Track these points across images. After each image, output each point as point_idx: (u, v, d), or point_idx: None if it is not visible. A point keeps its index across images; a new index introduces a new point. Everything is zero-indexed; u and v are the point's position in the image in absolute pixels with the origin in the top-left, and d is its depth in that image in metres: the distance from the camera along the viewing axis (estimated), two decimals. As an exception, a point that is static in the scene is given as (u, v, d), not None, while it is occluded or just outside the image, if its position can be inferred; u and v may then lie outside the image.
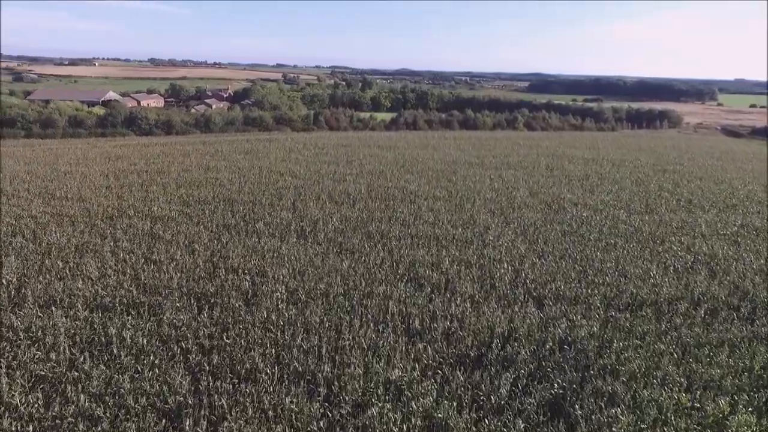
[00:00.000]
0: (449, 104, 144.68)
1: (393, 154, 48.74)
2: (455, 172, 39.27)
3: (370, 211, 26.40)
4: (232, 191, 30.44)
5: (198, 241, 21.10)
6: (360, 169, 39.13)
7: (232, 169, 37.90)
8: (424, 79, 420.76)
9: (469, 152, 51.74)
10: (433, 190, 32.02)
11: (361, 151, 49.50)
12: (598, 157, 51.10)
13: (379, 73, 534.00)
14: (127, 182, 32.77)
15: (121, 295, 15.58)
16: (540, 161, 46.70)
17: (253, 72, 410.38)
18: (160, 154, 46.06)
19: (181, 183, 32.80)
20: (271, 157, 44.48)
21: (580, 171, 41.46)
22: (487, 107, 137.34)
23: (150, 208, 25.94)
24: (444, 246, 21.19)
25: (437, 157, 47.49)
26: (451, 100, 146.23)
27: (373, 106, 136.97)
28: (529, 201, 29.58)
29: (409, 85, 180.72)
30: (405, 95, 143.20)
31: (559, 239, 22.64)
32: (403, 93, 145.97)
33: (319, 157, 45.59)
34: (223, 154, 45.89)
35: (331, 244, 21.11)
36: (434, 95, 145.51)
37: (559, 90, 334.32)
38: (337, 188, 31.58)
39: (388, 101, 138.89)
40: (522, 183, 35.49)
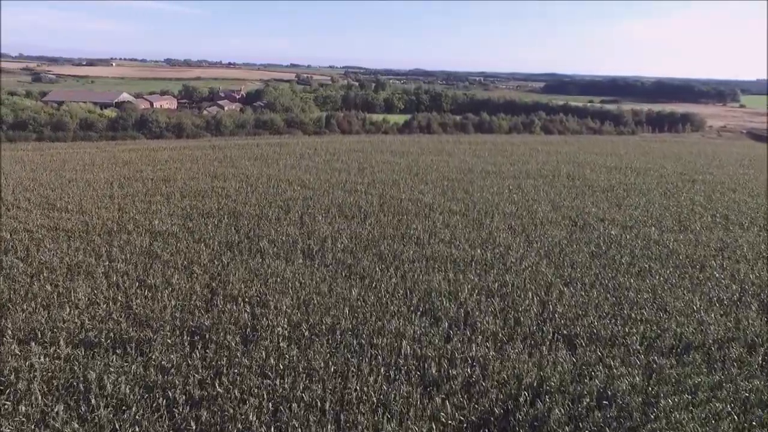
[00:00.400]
0: (463, 106, 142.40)
1: (406, 160, 47.07)
2: (472, 181, 37.47)
3: (382, 226, 24.80)
4: (237, 202, 29.09)
5: (197, 261, 19.70)
6: (372, 177, 37.55)
7: (240, 178, 36.61)
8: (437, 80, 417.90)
9: (486, 159, 49.84)
10: (449, 202, 30.29)
11: (373, 158, 47.93)
12: (620, 164, 48.82)
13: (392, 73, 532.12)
14: (130, 191, 31.63)
15: (108, 328, 14.20)
16: (560, 169, 44.63)
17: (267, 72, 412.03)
18: (168, 159, 45.03)
19: (186, 193, 31.57)
20: (280, 164, 43.13)
21: (603, 181, 39.34)
22: (502, 109, 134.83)
23: (151, 222, 24.67)
24: (462, 270, 19.49)
25: (452, 164, 45.70)
26: (465, 102, 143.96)
27: (386, 107, 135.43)
28: (552, 216, 27.69)
29: (423, 86, 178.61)
30: (418, 96, 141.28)
31: (587, 263, 20.78)
32: (416, 94, 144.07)
33: (330, 163, 44.13)
34: (231, 160, 44.69)
35: (339, 267, 19.55)
36: (448, 96, 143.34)
37: (575, 91, 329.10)
38: (347, 200, 30.03)
39: (401, 103, 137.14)
40: (543, 194, 33.56)
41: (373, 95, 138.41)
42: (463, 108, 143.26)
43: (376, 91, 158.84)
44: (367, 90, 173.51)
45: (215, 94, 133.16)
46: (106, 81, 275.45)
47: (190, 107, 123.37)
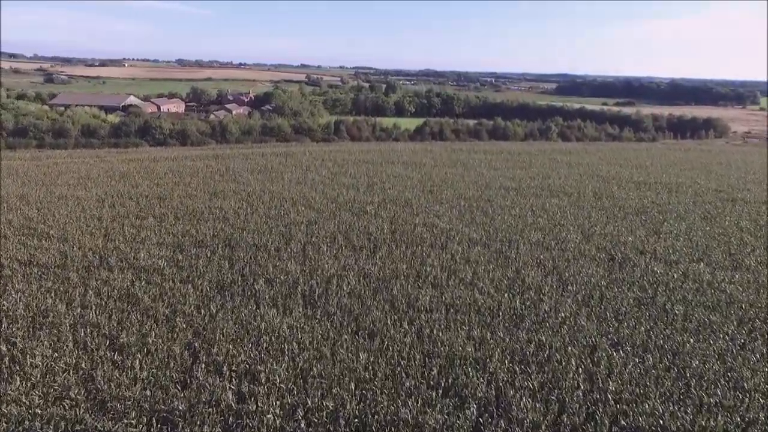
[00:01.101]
0: (476, 109, 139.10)
1: (419, 174, 44.24)
2: (490, 200, 34.53)
3: (394, 261, 22.01)
4: (235, 227, 26.49)
5: (182, 309, 17.07)
6: (382, 195, 34.78)
7: (241, 195, 34.06)
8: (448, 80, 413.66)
9: (504, 172, 46.82)
10: (468, 228, 27.40)
11: (383, 171, 45.16)
12: (648, 179, 45.51)
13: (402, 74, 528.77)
14: (121, 212, 29.20)
15: (59, 416, 11.57)
16: (585, 185, 41.50)
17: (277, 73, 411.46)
18: (167, 172, 42.68)
19: (180, 214, 29.07)
20: (285, 179, 40.55)
21: (633, 200, 36.17)
22: (515, 114, 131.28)
23: (136, 254, 22.13)
24: (488, 324, 16.63)
25: (468, 178, 42.76)
26: (477, 105, 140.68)
27: (397, 110, 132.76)
28: (585, 248, 24.68)
29: (434, 89, 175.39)
30: (430, 100, 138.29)
31: (634, 313, 17.80)
32: (427, 97, 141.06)
33: (338, 177, 41.45)
34: (233, 174, 42.20)
35: (345, 317, 16.80)
36: (460, 100, 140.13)
37: (588, 92, 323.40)
38: (355, 225, 27.29)
39: (412, 106, 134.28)
40: (570, 217, 30.52)
41: (383, 98, 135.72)
42: (476, 111, 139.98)
43: (386, 93, 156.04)
44: (378, 92, 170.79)
45: (223, 97, 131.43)
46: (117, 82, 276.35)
47: (198, 110, 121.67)
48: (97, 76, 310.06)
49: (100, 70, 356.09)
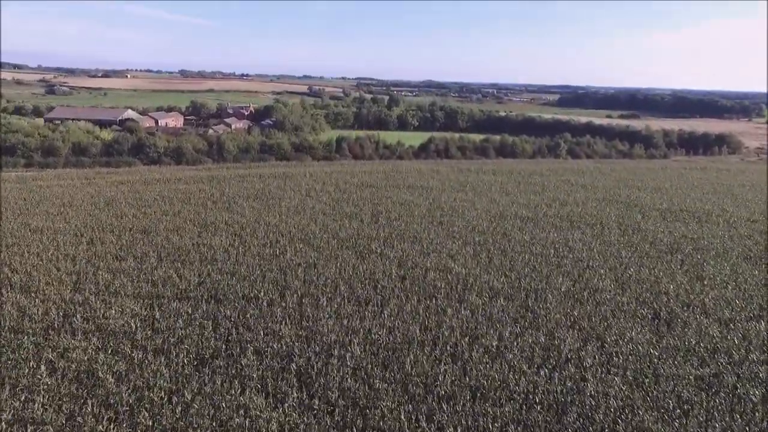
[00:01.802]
0: (480, 123, 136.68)
1: (426, 200, 41.25)
2: (507, 233, 31.48)
3: (406, 320, 18.91)
4: (224, 273, 23.45)
5: (149, 396, 13.96)
6: (389, 229, 31.76)
7: (233, 228, 31.08)
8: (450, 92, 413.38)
9: (516, 197, 43.82)
10: (486, 272, 24.33)
11: (388, 196, 42.20)
12: (672, 205, 42.45)
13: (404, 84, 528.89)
14: (99, 251, 26.20)
15: None
16: (606, 212, 38.47)
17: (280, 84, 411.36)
18: (157, 198, 39.79)
19: (164, 253, 26.06)
20: (282, 206, 37.60)
21: (663, 233, 33.07)
22: (521, 128, 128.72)
23: (107, 311, 19.07)
24: (522, 419, 13.49)
25: (480, 205, 39.76)
26: (482, 119, 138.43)
27: (400, 124, 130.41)
28: (622, 299, 21.57)
29: (438, 102, 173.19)
30: (433, 113, 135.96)
31: (698, 398, 14.64)
32: (431, 111, 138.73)
33: (339, 205, 38.50)
34: (228, 200, 39.27)
35: (349, 410, 13.68)
36: (464, 114, 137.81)
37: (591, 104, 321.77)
38: (359, 269, 24.24)
39: (415, 120, 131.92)
40: (598, 257, 27.43)
41: (386, 112, 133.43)
42: (480, 125, 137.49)
43: (389, 107, 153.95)
44: (380, 105, 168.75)
45: (223, 111, 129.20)
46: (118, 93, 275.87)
47: (197, 125, 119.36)
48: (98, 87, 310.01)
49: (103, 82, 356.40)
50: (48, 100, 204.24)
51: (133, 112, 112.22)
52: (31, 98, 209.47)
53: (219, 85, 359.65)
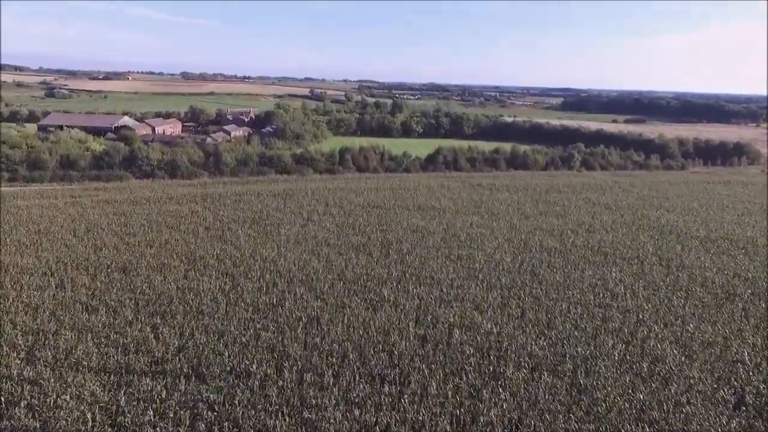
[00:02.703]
0: (486, 130, 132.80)
1: (440, 225, 37.49)
2: (536, 273, 27.73)
3: (433, 413, 15.15)
4: (210, 332, 19.74)
5: None
6: (401, 266, 28.03)
7: (225, 265, 27.37)
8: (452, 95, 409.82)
9: (537, 220, 40.06)
10: (521, 329, 20.59)
11: (398, 220, 38.46)
12: (709, 232, 38.65)
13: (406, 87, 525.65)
14: (66, 299, 22.52)
15: None
16: (640, 242, 34.72)
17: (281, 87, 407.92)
18: (144, 222, 36.14)
19: (142, 302, 22.38)
20: (282, 234, 33.90)
21: (711, 270, 29.30)
22: (529, 136, 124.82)
23: (58, 399, 15.34)
24: None
25: (499, 232, 36.00)
26: (488, 126, 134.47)
27: (404, 131, 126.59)
28: (693, 373, 17.79)
29: (442, 108, 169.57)
30: (438, 120, 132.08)
31: None
32: (435, 117, 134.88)
33: (345, 232, 34.79)
34: (221, 226, 35.58)
35: None
36: (470, 120, 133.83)
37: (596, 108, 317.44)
38: (371, 325, 20.53)
39: (420, 126, 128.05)
40: (647, 305, 23.67)
41: (389, 119, 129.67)
42: (486, 132, 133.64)
43: (392, 113, 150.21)
44: (383, 110, 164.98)
45: (223, 117, 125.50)
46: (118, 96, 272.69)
47: (196, 131, 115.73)
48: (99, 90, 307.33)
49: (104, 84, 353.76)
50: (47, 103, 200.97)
51: (130, 119, 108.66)
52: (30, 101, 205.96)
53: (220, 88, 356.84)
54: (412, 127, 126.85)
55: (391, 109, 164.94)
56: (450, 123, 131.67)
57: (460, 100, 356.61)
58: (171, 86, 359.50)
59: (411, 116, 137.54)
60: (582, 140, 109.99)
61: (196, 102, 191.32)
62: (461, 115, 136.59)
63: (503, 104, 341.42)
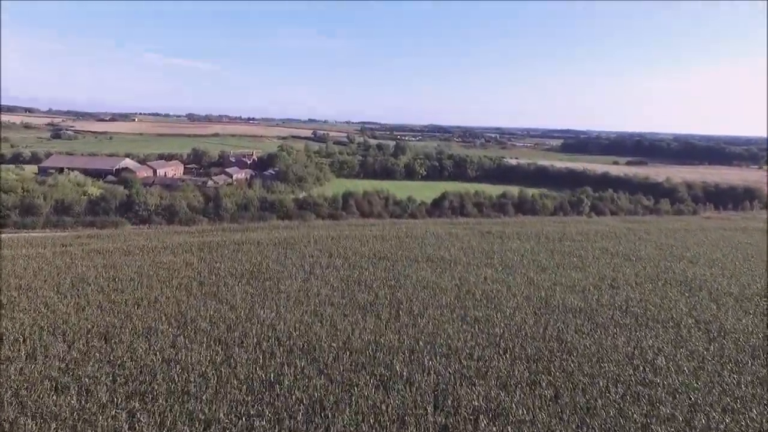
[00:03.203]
0: (490, 172, 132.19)
1: (451, 280, 34.87)
2: (563, 339, 24.90)
3: None
4: (195, 420, 16.86)
5: None
6: (414, 330, 25.27)
7: (218, 330, 24.65)
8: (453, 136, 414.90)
9: (555, 274, 37.45)
10: (557, 419, 17.64)
11: (407, 273, 35.90)
12: (743, 288, 35.88)
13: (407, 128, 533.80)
14: (32, 375, 19.69)
15: None
16: (670, 299, 31.98)
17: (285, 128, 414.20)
18: (135, 276, 33.67)
19: (121, 379, 19.56)
20: (281, 290, 31.29)
21: (754, 334, 26.45)
22: (534, 179, 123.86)
23: None
24: None
25: (516, 288, 33.34)
26: (492, 168, 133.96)
27: (407, 173, 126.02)
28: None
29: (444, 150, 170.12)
30: (441, 162, 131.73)
31: None
32: (439, 159, 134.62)
33: (350, 288, 32.18)
34: (216, 281, 33.03)
35: None
36: (473, 162, 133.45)
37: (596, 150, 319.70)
38: (384, 406, 17.63)
39: (423, 169, 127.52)
40: (696, 382, 20.74)
41: (392, 161, 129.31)
42: (490, 175, 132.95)
43: (395, 155, 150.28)
44: (386, 152, 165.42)
45: (225, 159, 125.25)
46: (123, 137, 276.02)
47: (198, 173, 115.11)
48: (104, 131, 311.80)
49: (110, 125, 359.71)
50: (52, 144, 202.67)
51: (131, 161, 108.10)
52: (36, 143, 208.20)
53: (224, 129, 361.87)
54: (415, 169, 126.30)
55: (393, 151, 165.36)
56: (453, 165, 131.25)
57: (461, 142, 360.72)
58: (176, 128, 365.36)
59: (414, 158, 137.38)
60: (588, 183, 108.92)
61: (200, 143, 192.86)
62: (464, 158, 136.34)
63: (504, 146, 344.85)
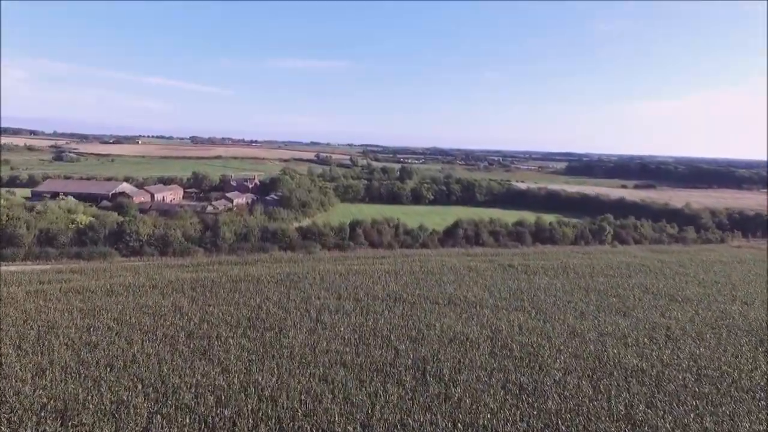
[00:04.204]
0: (499, 197, 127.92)
1: (483, 330, 29.96)
2: (633, 418, 19.92)
3: None
4: None
5: None
6: (448, 404, 20.32)
7: (206, 405, 19.77)
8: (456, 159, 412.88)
9: (597, 318, 32.52)
10: None
11: (429, 321, 31.01)
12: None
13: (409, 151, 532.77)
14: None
15: None
16: (747, 358, 26.99)
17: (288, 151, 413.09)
18: (113, 325, 28.88)
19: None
20: (284, 341, 26.44)
21: None
22: (545, 204, 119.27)
23: None
24: None
25: (559, 339, 28.41)
26: (501, 192, 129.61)
27: (414, 197, 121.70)
28: None
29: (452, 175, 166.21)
30: (449, 186, 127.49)
31: None
32: (446, 184, 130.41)
33: (363, 340, 27.33)
34: (209, 331, 28.20)
35: None
36: (482, 187, 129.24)
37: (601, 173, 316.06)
38: None
39: (430, 193, 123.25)
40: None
41: (399, 185, 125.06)
42: (499, 199, 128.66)
43: (401, 179, 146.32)
44: (391, 176, 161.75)
45: (226, 183, 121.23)
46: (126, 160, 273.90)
47: (198, 198, 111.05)
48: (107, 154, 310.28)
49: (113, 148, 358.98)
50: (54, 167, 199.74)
51: (128, 185, 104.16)
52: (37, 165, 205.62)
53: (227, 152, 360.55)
54: (422, 193, 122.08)
55: (399, 174, 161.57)
56: (461, 190, 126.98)
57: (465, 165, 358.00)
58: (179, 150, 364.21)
59: (421, 183, 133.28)
60: (603, 209, 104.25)
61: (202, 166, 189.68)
62: (473, 182, 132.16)
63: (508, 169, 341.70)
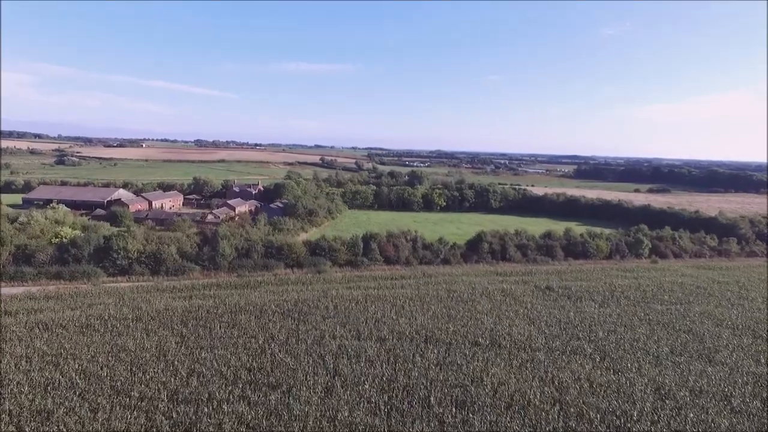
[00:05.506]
0: (515, 203, 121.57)
1: (542, 385, 23.77)
2: None
3: None
4: None
5: None
6: None
7: None
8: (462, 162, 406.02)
9: (681, 368, 26.27)
10: None
11: (473, 372, 24.84)
12: None
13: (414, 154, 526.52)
14: None
15: None
16: None
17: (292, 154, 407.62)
18: (80, 380, 22.87)
19: None
20: (294, 406, 20.34)
21: None
22: (564, 210, 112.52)
23: None
24: None
25: (644, 401, 22.17)
26: (516, 199, 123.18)
27: (425, 203, 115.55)
28: None
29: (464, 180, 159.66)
30: (462, 192, 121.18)
31: None
32: (459, 189, 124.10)
33: (395, 403, 21.17)
34: (198, 388, 22.12)
35: None
36: (496, 192, 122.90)
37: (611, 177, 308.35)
38: None
39: (442, 200, 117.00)
40: None
41: (410, 191, 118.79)
42: (514, 206, 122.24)
43: (411, 184, 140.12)
44: (399, 180, 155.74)
45: (228, 189, 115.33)
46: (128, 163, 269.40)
47: (198, 204, 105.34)
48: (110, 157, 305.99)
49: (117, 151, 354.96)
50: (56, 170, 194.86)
51: (125, 192, 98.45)
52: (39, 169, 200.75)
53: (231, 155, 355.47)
54: (433, 200, 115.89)
55: (409, 179, 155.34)
56: (475, 195, 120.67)
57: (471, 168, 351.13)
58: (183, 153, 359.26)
59: (432, 188, 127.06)
60: (627, 217, 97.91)
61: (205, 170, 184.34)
62: (486, 188, 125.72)
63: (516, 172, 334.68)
